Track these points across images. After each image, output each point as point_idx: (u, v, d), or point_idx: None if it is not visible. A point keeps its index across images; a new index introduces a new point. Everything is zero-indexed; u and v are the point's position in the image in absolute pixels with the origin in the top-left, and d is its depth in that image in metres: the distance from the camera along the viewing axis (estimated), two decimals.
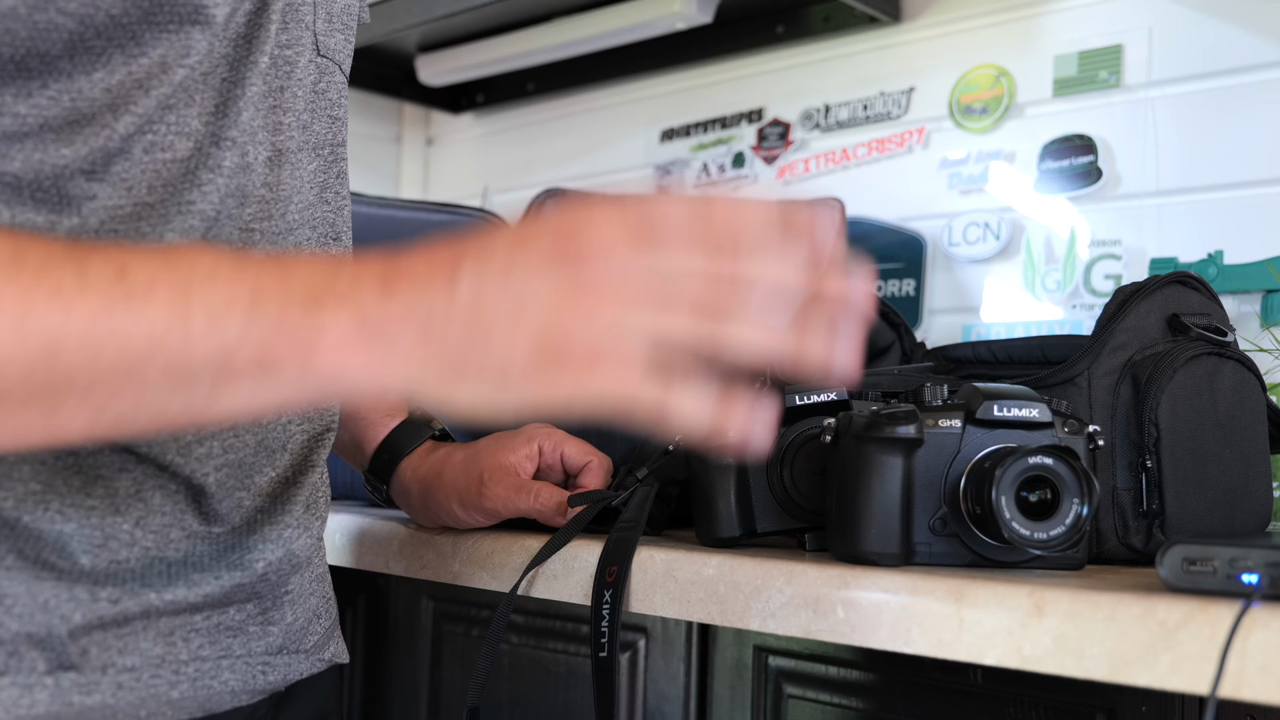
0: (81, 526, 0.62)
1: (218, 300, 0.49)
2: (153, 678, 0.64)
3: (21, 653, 0.60)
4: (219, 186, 0.65)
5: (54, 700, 0.60)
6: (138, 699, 0.63)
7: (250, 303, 0.49)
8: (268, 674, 0.70)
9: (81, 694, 0.61)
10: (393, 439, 0.96)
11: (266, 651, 0.71)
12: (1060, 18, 1.48)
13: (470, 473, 0.91)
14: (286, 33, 0.70)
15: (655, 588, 0.83)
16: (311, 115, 0.74)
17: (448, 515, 0.94)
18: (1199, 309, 0.92)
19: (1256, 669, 0.58)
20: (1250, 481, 0.89)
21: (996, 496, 0.72)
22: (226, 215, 0.66)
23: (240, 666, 0.68)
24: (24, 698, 0.60)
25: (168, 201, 0.63)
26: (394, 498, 0.97)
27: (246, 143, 0.67)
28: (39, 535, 0.61)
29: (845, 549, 0.79)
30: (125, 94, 0.61)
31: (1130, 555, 0.86)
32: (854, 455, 0.78)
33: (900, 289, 1.57)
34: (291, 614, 0.73)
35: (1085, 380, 0.88)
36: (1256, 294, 1.29)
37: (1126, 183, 1.41)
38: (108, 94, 0.60)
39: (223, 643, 0.68)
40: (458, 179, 2.16)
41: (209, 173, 0.65)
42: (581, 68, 1.89)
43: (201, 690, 0.66)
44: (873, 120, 1.63)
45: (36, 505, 0.61)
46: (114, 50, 0.60)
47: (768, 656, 0.94)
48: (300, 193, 0.72)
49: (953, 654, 0.69)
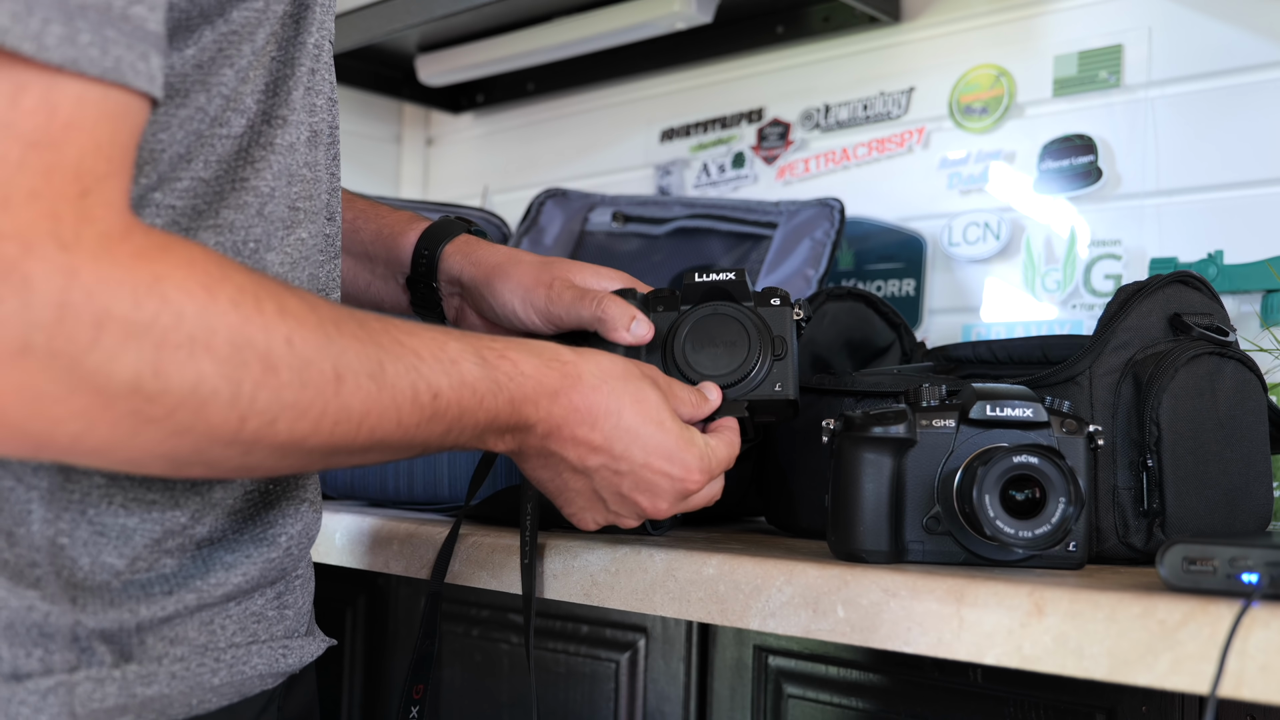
0: (144, 521, 0.64)
1: (468, 427, 0.67)
2: (199, 666, 0.66)
3: (94, 648, 0.62)
4: (271, 164, 0.67)
5: (121, 693, 0.62)
6: (187, 687, 0.65)
7: (480, 431, 0.68)
8: (287, 657, 0.72)
9: (143, 685, 0.63)
10: (431, 231, 0.93)
11: (285, 635, 0.73)
12: (1060, 18, 1.48)
13: (541, 276, 0.88)
14: (327, 14, 0.72)
15: (655, 587, 0.83)
16: (329, 98, 0.75)
17: (504, 310, 0.89)
18: (1200, 309, 0.92)
19: (1256, 668, 0.58)
20: (1251, 481, 0.89)
21: (979, 495, 0.74)
22: (279, 193, 0.68)
23: (266, 651, 0.70)
24: (96, 692, 0.61)
25: (223, 178, 0.65)
26: (442, 288, 0.93)
27: (294, 122, 0.69)
28: (103, 530, 0.63)
29: (838, 546, 0.81)
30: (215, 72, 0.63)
31: (1130, 554, 0.86)
32: (845, 454, 0.80)
33: (900, 289, 1.57)
34: (301, 598, 0.75)
35: (1087, 379, 0.88)
36: (1256, 294, 1.29)
37: (1126, 183, 1.41)
38: (199, 70, 0.62)
39: (250, 628, 0.70)
40: (458, 179, 2.16)
41: (262, 150, 0.67)
42: (581, 68, 1.89)
43: (237, 675, 0.68)
44: (873, 120, 1.63)
45: (101, 499, 0.63)
46: (205, 26, 0.62)
47: (768, 656, 0.94)
48: (327, 173, 0.75)
49: (953, 654, 0.69)
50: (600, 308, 0.85)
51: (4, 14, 0.49)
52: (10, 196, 0.49)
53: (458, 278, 0.92)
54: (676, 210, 1.56)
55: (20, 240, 0.48)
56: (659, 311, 0.86)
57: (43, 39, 0.50)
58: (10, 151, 0.49)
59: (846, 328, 1.14)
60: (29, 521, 0.61)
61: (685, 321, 0.84)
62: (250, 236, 0.67)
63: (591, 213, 1.62)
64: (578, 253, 1.60)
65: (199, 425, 0.54)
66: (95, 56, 0.51)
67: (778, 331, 0.84)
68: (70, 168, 0.51)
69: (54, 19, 0.50)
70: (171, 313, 0.52)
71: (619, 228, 1.59)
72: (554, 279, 0.88)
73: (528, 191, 1.87)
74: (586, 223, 1.62)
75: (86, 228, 0.51)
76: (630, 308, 0.85)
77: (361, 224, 0.95)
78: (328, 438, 0.59)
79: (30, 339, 0.49)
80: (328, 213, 0.75)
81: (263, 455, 0.58)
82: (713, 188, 1.77)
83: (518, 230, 1.65)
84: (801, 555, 0.81)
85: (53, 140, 0.50)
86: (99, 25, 0.51)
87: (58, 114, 0.50)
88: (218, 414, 0.54)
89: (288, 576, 0.73)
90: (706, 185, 1.78)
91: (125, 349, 0.51)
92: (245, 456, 0.57)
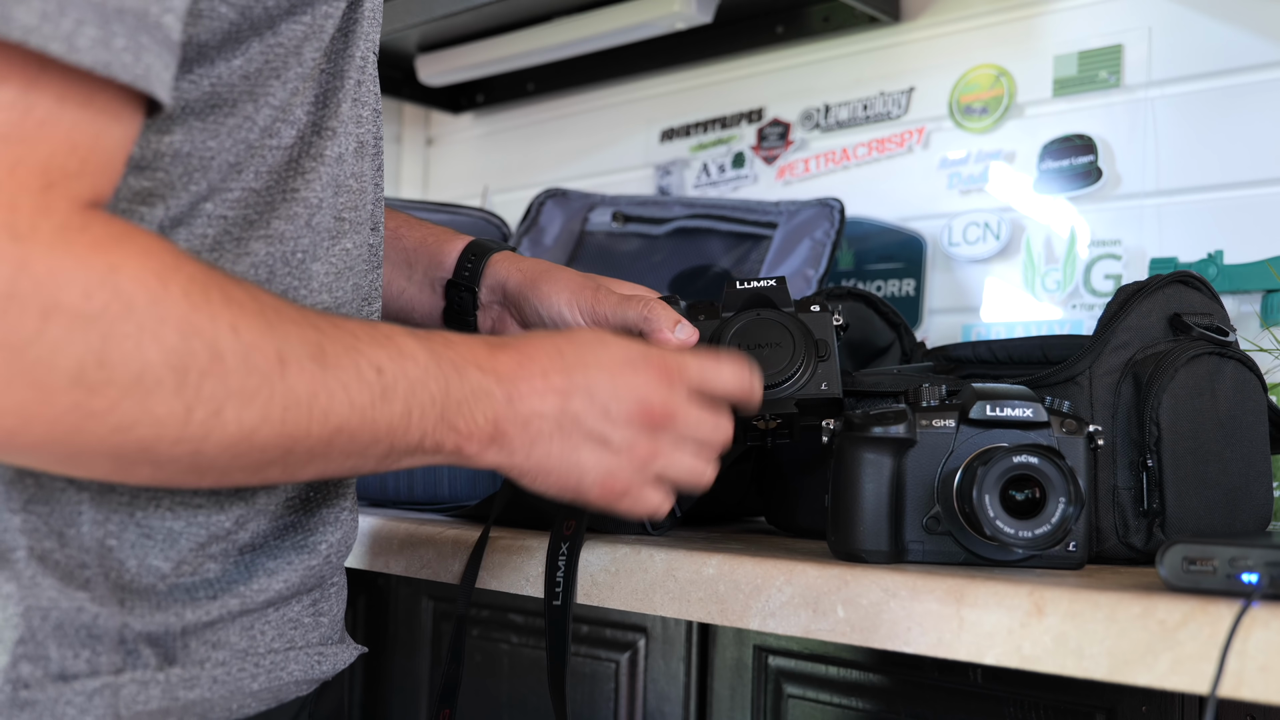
0: (189, 524, 0.64)
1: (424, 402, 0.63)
2: (239, 670, 0.66)
3: (139, 650, 0.62)
4: (320, 175, 0.68)
5: (164, 696, 0.62)
6: (228, 692, 0.66)
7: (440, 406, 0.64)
8: (321, 664, 0.72)
9: (186, 689, 0.63)
10: (478, 243, 0.94)
11: (320, 642, 0.73)
12: (1060, 18, 1.48)
13: (587, 281, 0.89)
14: (374, 28, 0.73)
15: (655, 587, 0.83)
16: (374, 109, 0.76)
17: (549, 310, 0.89)
18: (1200, 309, 0.92)
19: (1256, 669, 0.58)
20: (1250, 481, 0.89)
21: (979, 495, 0.74)
22: (326, 204, 0.69)
23: (302, 658, 0.71)
24: (140, 694, 0.62)
25: (273, 188, 0.65)
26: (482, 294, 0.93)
27: (343, 133, 0.69)
28: (150, 533, 0.63)
29: (838, 546, 0.81)
30: (262, 83, 0.63)
31: (1130, 554, 0.86)
32: (845, 454, 0.80)
33: (900, 289, 1.57)
34: (336, 606, 0.75)
35: (1087, 379, 0.88)
36: (1256, 294, 1.29)
37: (1126, 183, 1.41)
38: (246, 81, 0.62)
39: (288, 634, 0.70)
40: (458, 179, 2.16)
41: (312, 160, 0.67)
42: (581, 68, 1.89)
43: (275, 681, 0.69)
44: (873, 120, 1.63)
45: (149, 502, 0.63)
46: (254, 39, 0.62)
47: (768, 656, 0.94)
48: (373, 184, 0.75)
49: (953, 653, 0.69)
50: (647, 308, 0.85)
51: (33, 12, 0.48)
52: None
53: (503, 283, 0.92)
54: (676, 210, 1.56)
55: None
56: (701, 320, 0.87)
57: (74, 40, 0.49)
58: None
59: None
60: (79, 523, 0.61)
61: (730, 327, 0.86)
62: (299, 247, 0.67)
63: (591, 213, 1.62)
64: (578, 252, 1.60)
65: (144, 418, 0.53)
66: (128, 62, 0.51)
67: (820, 335, 0.86)
68: (38, 163, 0.50)
69: (88, 20, 0.50)
70: (122, 303, 0.51)
71: (619, 228, 1.59)
72: (599, 284, 0.89)
73: (528, 191, 1.87)
74: (586, 223, 1.62)
75: (44, 219, 0.50)
76: (675, 313, 0.86)
77: (405, 231, 0.96)
78: (279, 427, 0.57)
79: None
80: (372, 223, 0.75)
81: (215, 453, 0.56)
82: (713, 188, 1.77)
83: (518, 230, 1.65)
84: (801, 555, 0.81)
85: (25, 136, 0.50)
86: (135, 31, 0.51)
87: (34, 112, 0.50)
88: (163, 404, 0.53)
89: (324, 584, 0.73)
90: (706, 185, 1.78)
91: (70, 340, 0.50)
92: (195, 456, 0.56)
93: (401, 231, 0.95)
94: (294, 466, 0.60)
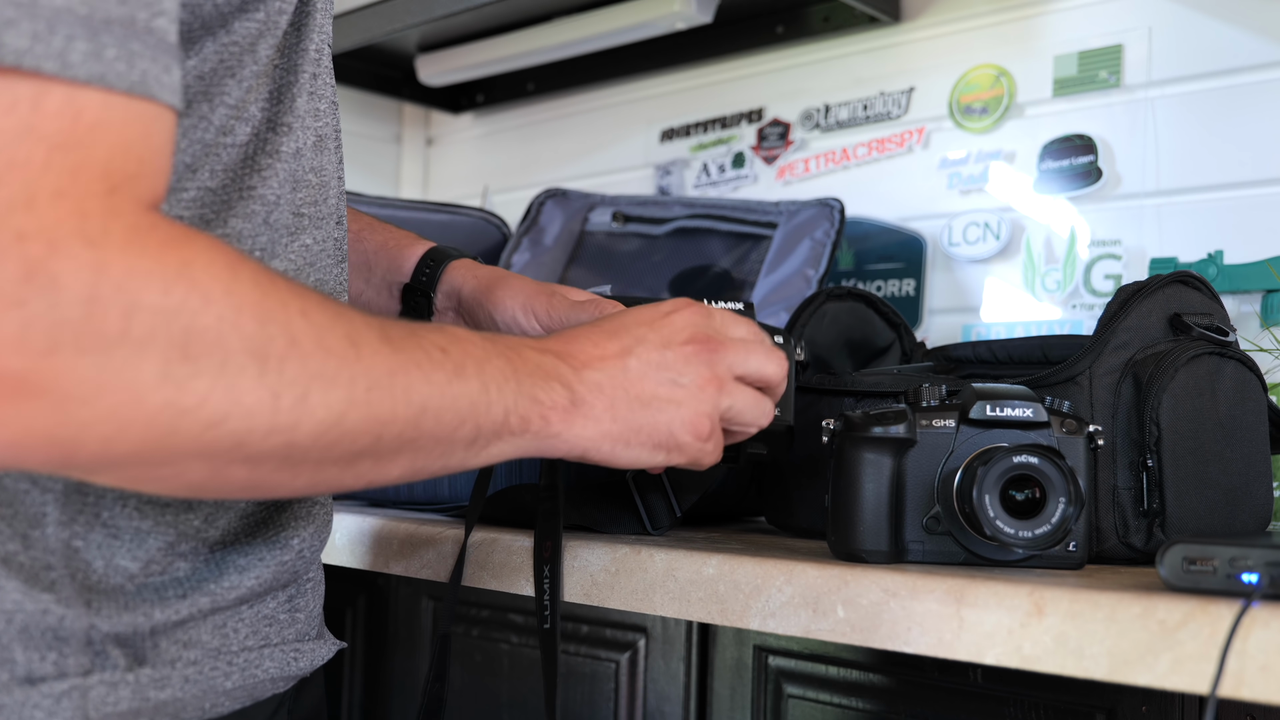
0: (157, 524, 0.64)
1: (497, 377, 0.63)
2: (211, 669, 0.66)
3: (107, 651, 0.62)
4: (278, 171, 0.67)
5: (135, 696, 0.62)
6: (200, 691, 0.65)
7: (515, 380, 0.64)
8: (298, 660, 0.72)
9: (156, 689, 0.63)
10: (438, 249, 0.94)
11: (296, 639, 0.73)
12: (1060, 18, 1.48)
13: (542, 287, 0.89)
14: (326, 19, 0.72)
15: (655, 587, 0.83)
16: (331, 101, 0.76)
17: (503, 315, 0.89)
18: (1200, 309, 0.92)
19: (1256, 668, 0.58)
20: (1251, 481, 0.89)
21: (979, 495, 0.74)
22: (284, 200, 0.68)
23: (278, 654, 0.70)
24: (110, 695, 0.61)
25: (229, 187, 0.65)
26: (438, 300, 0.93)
27: (299, 128, 0.69)
28: (117, 533, 0.63)
29: (838, 546, 0.81)
30: (217, 82, 0.63)
31: (1130, 554, 0.86)
32: (845, 454, 0.80)
33: (900, 289, 1.57)
34: (312, 601, 0.75)
35: (1087, 379, 0.88)
36: (1256, 294, 1.29)
37: (1126, 183, 1.41)
38: (201, 81, 0.62)
39: (262, 631, 0.70)
40: (458, 179, 2.16)
41: (268, 157, 0.67)
42: (581, 68, 1.90)
43: (249, 679, 0.68)
44: (873, 120, 1.63)
45: (115, 501, 0.63)
46: (207, 38, 0.61)
47: (768, 656, 0.94)
48: (335, 177, 0.75)
49: (953, 653, 0.69)
50: (599, 310, 0.85)
51: (24, 35, 0.48)
52: (35, 197, 0.48)
53: (458, 289, 0.92)
54: (676, 210, 1.57)
55: (46, 240, 0.48)
56: None
57: (66, 56, 0.49)
58: (34, 154, 0.48)
59: (846, 328, 1.14)
60: (44, 524, 0.61)
61: None
62: (257, 245, 0.67)
63: (591, 213, 1.62)
64: (578, 253, 1.60)
65: (235, 409, 0.52)
66: (122, 71, 0.51)
67: None
68: (98, 166, 0.50)
69: (78, 35, 0.50)
70: (200, 295, 0.52)
71: (619, 228, 1.59)
72: (554, 290, 0.89)
73: (528, 191, 1.87)
74: (586, 223, 1.62)
75: (114, 222, 0.50)
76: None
77: (368, 235, 0.96)
78: (365, 410, 0.57)
79: (58, 338, 0.48)
80: (336, 217, 0.75)
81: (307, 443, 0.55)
82: (713, 188, 1.77)
83: (518, 230, 1.65)
84: (801, 555, 0.81)
85: (79, 141, 0.50)
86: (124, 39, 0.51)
87: (83, 116, 0.50)
88: (250, 393, 0.53)
89: (299, 580, 0.73)
90: (706, 185, 1.78)
91: (154, 337, 0.50)
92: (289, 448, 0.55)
93: (364, 235, 0.96)
94: (385, 458, 0.60)
